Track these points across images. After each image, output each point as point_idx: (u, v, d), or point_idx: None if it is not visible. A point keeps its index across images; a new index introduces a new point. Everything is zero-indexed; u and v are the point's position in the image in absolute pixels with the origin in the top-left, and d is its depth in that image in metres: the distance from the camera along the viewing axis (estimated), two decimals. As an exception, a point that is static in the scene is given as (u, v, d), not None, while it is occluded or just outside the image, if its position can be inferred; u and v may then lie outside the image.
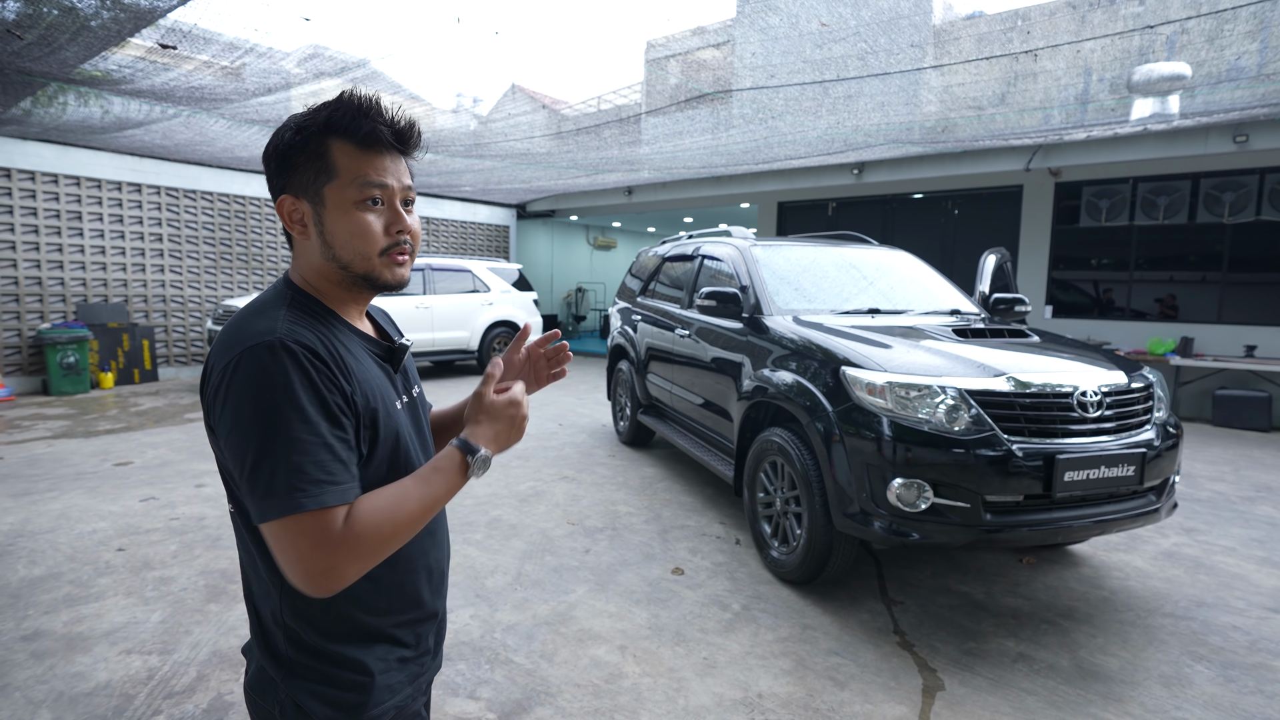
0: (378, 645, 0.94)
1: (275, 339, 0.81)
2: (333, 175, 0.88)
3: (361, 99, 0.89)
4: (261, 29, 4.45)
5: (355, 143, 0.88)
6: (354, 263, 0.90)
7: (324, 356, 0.84)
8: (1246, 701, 2.31)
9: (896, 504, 2.59)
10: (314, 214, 0.89)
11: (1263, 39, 6.13)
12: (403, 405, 1.00)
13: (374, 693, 0.93)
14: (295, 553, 0.78)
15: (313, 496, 0.77)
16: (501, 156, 9.24)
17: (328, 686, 0.91)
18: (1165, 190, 7.85)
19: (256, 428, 0.78)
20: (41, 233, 8.26)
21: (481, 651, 2.57)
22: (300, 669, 0.91)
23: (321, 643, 0.91)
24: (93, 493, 4.36)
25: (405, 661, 0.98)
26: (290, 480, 0.77)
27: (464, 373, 10.44)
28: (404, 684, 0.98)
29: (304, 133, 0.88)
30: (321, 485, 0.78)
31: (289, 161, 0.89)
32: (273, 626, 0.92)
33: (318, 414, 0.81)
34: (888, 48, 8.03)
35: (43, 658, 2.48)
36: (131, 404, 7.52)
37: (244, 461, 0.79)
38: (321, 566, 0.78)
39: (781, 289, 3.90)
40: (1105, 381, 2.79)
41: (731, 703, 2.27)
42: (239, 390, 0.80)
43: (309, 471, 0.78)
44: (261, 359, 0.80)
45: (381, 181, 0.90)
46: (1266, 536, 3.89)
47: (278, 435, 0.78)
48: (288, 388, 0.79)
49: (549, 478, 4.87)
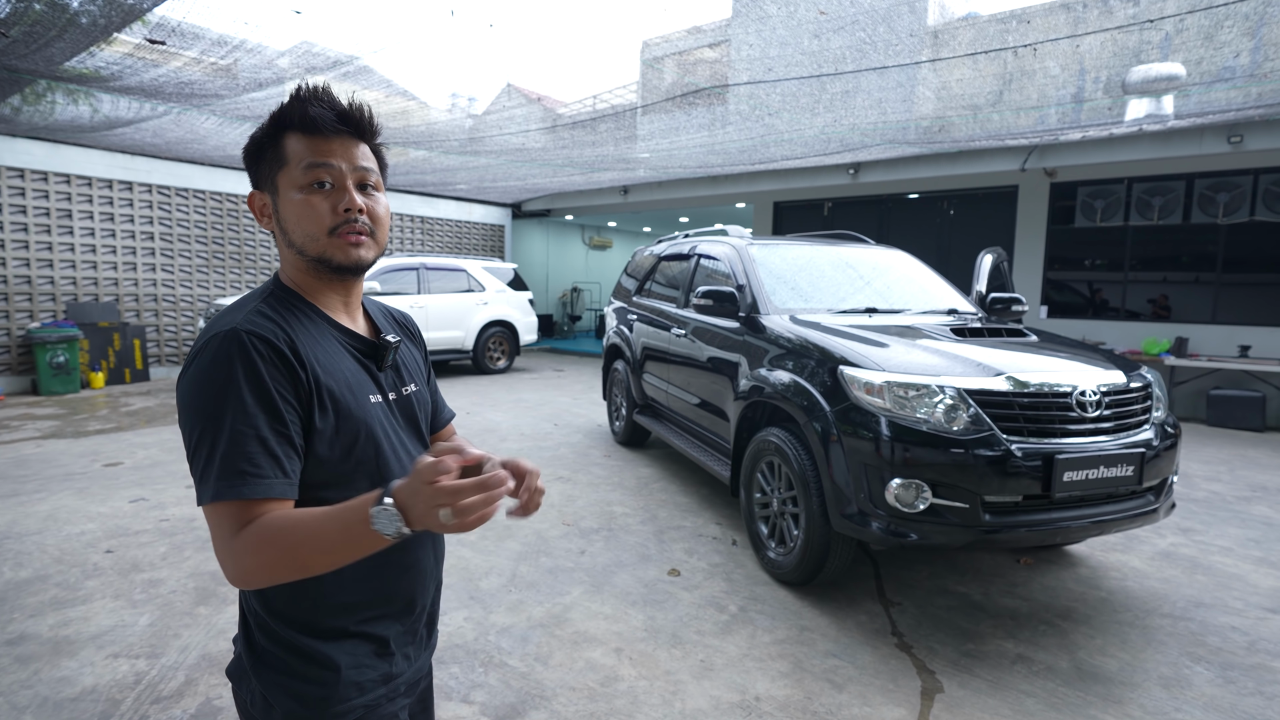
0: (346, 640, 0.93)
1: (233, 328, 0.83)
2: (283, 162, 0.91)
3: (308, 88, 0.92)
4: (252, 22, 4.39)
5: (303, 130, 0.91)
6: (306, 245, 0.92)
7: (278, 346, 0.85)
8: (1246, 703, 2.30)
9: (894, 504, 2.57)
10: (272, 204, 0.93)
11: (1256, 39, 6.14)
12: (382, 400, 0.98)
13: (339, 688, 0.91)
14: (215, 540, 0.80)
15: (233, 487, 0.79)
16: (496, 154, 9.20)
17: (292, 679, 0.90)
18: (1160, 191, 7.87)
19: (199, 414, 0.81)
20: (31, 231, 8.18)
21: (475, 654, 2.53)
22: (269, 659, 0.91)
23: (288, 634, 0.90)
24: (81, 494, 4.31)
25: (380, 658, 0.96)
26: (219, 468, 0.79)
27: (459, 372, 10.40)
28: (375, 684, 0.95)
29: (266, 127, 0.93)
30: (244, 477, 0.79)
31: (256, 157, 0.94)
32: (247, 614, 0.95)
33: (256, 405, 0.81)
34: (886, 38, 8.02)
35: (28, 662, 2.43)
36: (122, 404, 7.45)
37: (188, 445, 0.83)
38: (228, 560, 0.79)
39: (778, 288, 3.88)
40: (1104, 381, 2.77)
41: (729, 706, 2.25)
42: (192, 377, 0.83)
43: (235, 462, 0.79)
44: (216, 348, 0.82)
45: (325, 162, 0.91)
46: (1263, 536, 3.89)
47: (214, 423, 0.80)
48: (230, 377, 0.81)
49: (545, 478, 4.83)
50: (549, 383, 9.54)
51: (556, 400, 8.09)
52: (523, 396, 8.31)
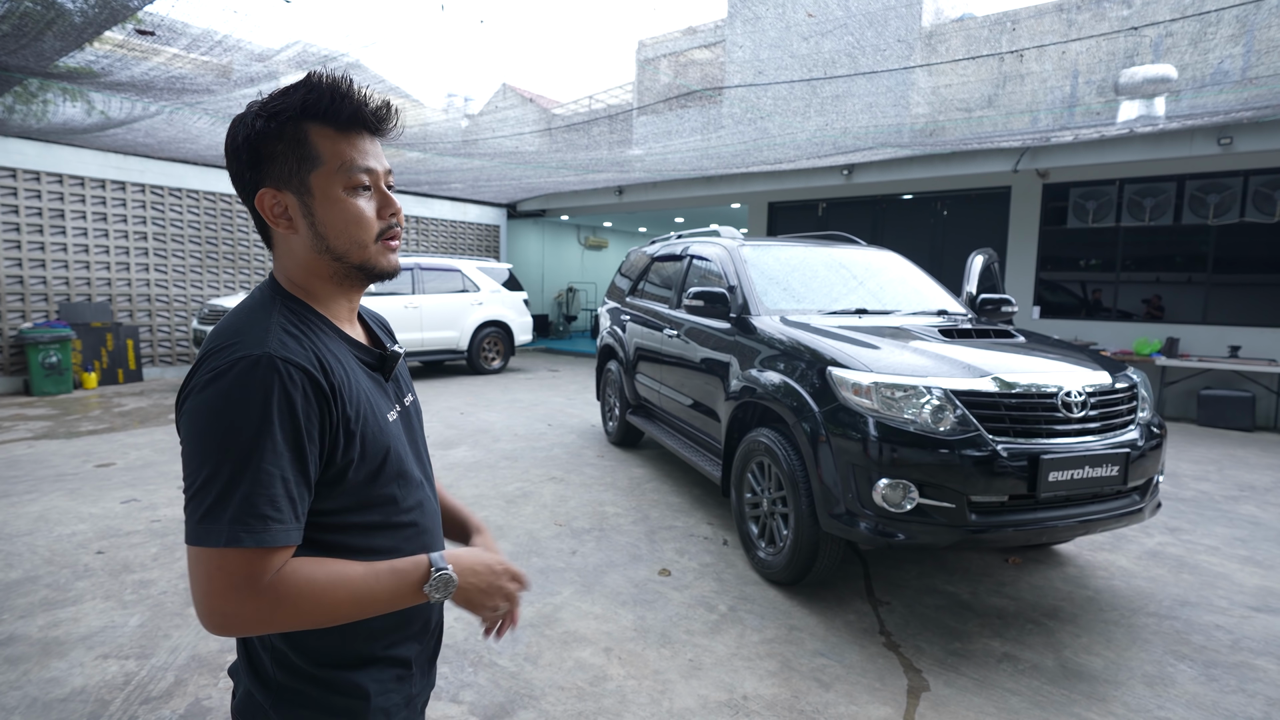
0: (373, 667, 0.89)
1: (265, 353, 0.76)
2: (318, 162, 0.83)
3: (335, 79, 0.84)
4: (241, 11, 4.37)
5: (335, 126, 0.84)
6: (350, 252, 0.86)
7: (315, 377, 0.79)
8: (1229, 700, 2.32)
9: (882, 504, 2.58)
10: (301, 205, 0.84)
11: (1247, 43, 6.19)
12: (396, 416, 0.95)
13: (369, 716, 0.88)
14: (208, 586, 0.72)
15: (254, 534, 0.72)
16: (491, 155, 9.20)
17: (320, 713, 0.86)
18: (1151, 192, 7.92)
19: (218, 446, 0.73)
20: (23, 231, 8.15)
21: (465, 655, 2.54)
22: (290, 694, 0.85)
23: (312, 668, 0.85)
24: (73, 494, 4.30)
25: (402, 681, 0.94)
26: (237, 511, 0.72)
27: (453, 373, 10.39)
28: (400, 706, 0.93)
29: (278, 119, 0.82)
30: (268, 523, 0.73)
31: (262, 152, 0.83)
32: (259, 649, 0.87)
33: (284, 444, 0.75)
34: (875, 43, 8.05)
35: (16, 663, 2.43)
36: (115, 404, 7.43)
37: (194, 474, 0.74)
38: (228, 609, 0.73)
39: (769, 289, 3.90)
40: (1090, 382, 2.80)
41: (716, 705, 2.26)
42: (210, 402, 0.75)
43: (259, 506, 0.73)
44: (244, 374, 0.75)
45: (368, 165, 0.86)
46: (1249, 535, 3.92)
47: (239, 459, 0.73)
48: (264, 413, 0.74)
49: (537, 479, 4.85)
50: (543, 383, 9.54)
51: (551, 400, 8.09)
52: (517, 397, 8.31)
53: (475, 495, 4.43)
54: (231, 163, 0.86)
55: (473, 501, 4.30)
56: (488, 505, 4.24)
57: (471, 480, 4.78)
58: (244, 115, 0.85)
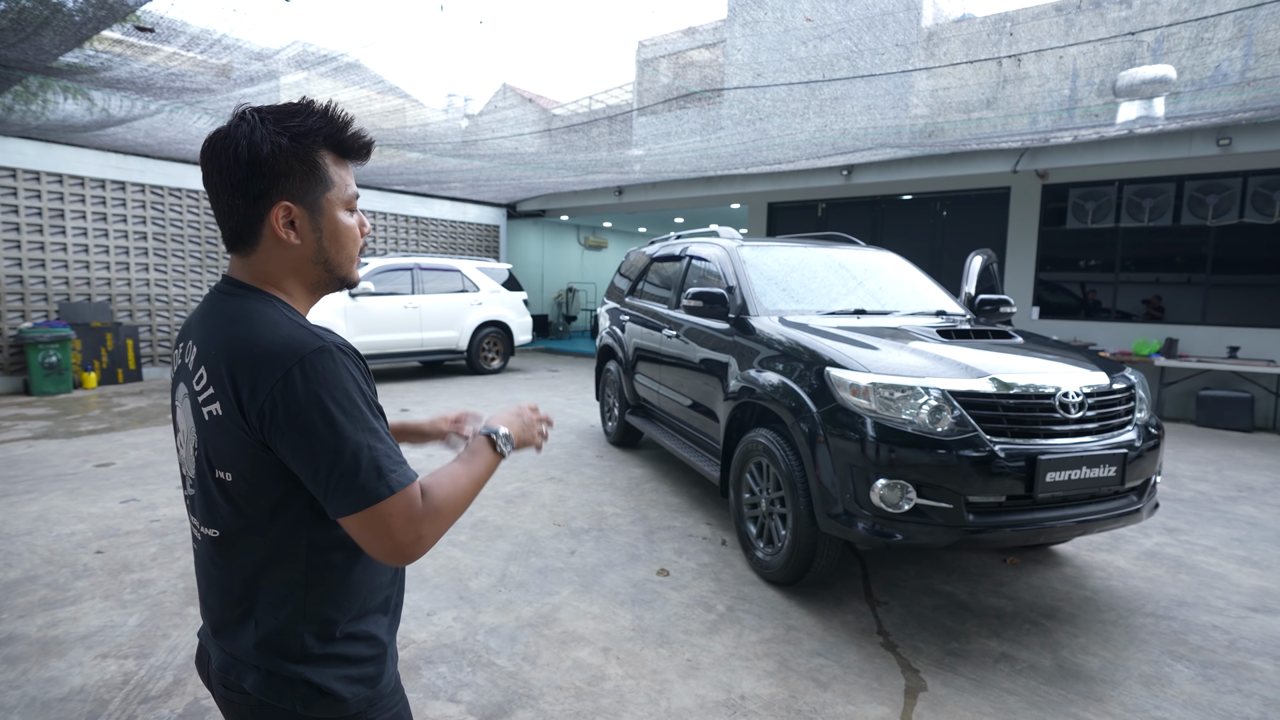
0: (380, 615, 1.02)
1: (328, 344, 0.88)
2: (329, 184, 0.95)
3: (346, 115, 0.97)
4: (240, 9, 4.37)
5: (339, 154, 0.97)
6: (341, 265, 1.00)
7: (357, 354, 0.92)
8: (1225, 700, 2.33)
9: (880, 505, 2.59)
10: (310, 220, 0.94)
11: (1246, 45, 6.20)
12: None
13: (386, 661, 1.01)
14: (389, 530, 0.86)
15: (403, 477, 0.87)
16: (491, 155, 9.21)
17: (351, 666, 0.96)
18: (1150, 193, 7.92)
19: (339, 427, 0.84)
20: (23, 230, 8.16)
21: (463, 654, 2.55)
22: (324, 659, 0.95)
23: (348, 625, 0.97)
24: (72, 494, 4.31)
25: (393, 626, 1.07)
26: (378, 467, 0.85)
27: (453, 373, 10.40)
28: (395, 655, 1.07)
29: (302, 141, 0.92)
30: (401, 467, 0.88)
31: (279, 167, 0.90)
32: (291, 629, 0.94)
33: (373, 409, 0.90)
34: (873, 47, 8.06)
35: (15, 662, 2.44)
36: (115, 404, 7.43)
37: (328, 460, 0.84)
38: (413, 537, 0.87)
39: (768, 289, 3.90)
40: (1087, 382, 2.80)
41: (714, 704, 2.27)
42: (312, 395, 0.84)
43: (391, 457, 0.87)
44: (326, 364, 0.86)
45: (356, 191, 1.01)
46: (1247, 536, 3.93)
47: (358, 431, 0.85)
48: (357, 386, 0.88)
49: (536, 478, 4.86)
50: (543, 383, 9.55)
51: (550, 401, 8.10)
52: (516, 397, 8.32)
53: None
54: (240, 170, 0.90)
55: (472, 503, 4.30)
56: (487, 505, 4.25)
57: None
58: (253, 128, 0.90)
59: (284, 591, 0.93)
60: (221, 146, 0.90)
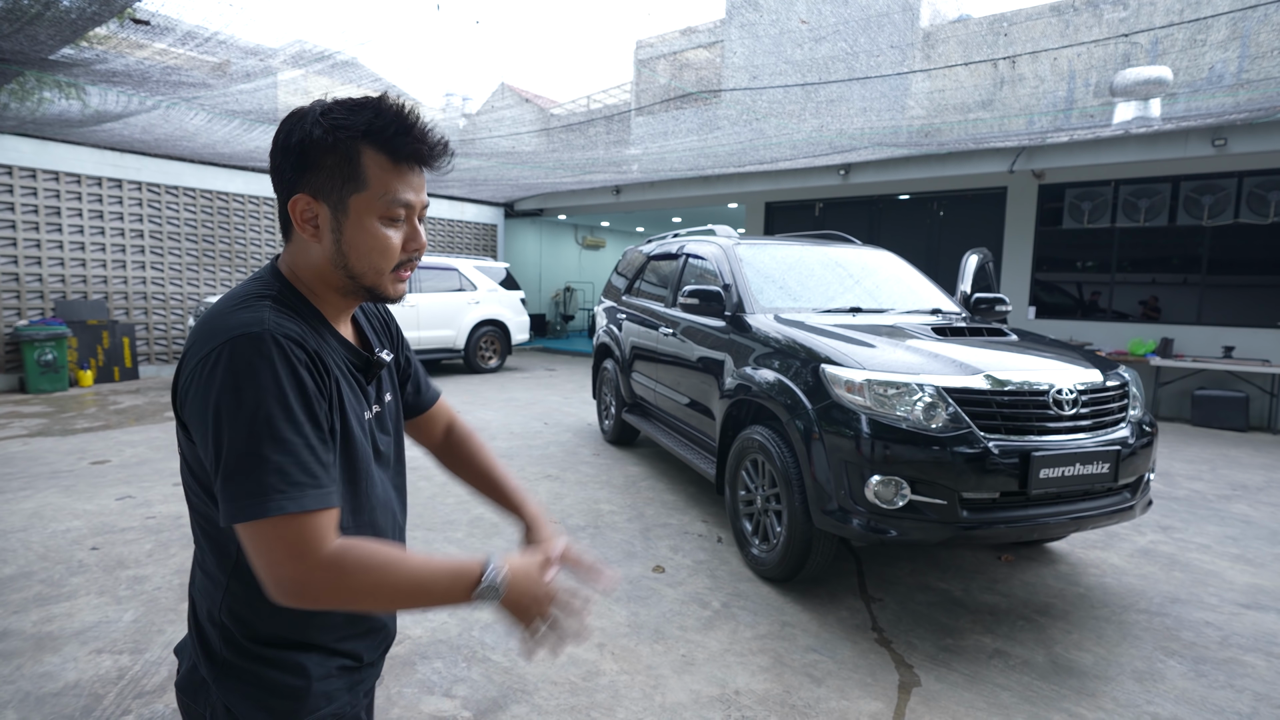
0: (317, 653, 0.90)
1: (263, 330, 0.77)
2: (362, 186, 0.84)
3: (403, 110, 0.85)
4: (236, 4, 4.35)
5: (391, 157, 0.85)
6: (365, 275, 0.88)
7: (311, 350, 0.81)
8: (1217, 695, 2.34)
9: (874, 501, 2.60)
10: (332, 220, 0.85)
11: (1240, 47, 6.22)
12: (371, 416, 0.97)
13: (309, 699, 0.88)
14: (269, 557, 0.74)
15: (293, 499, 0.74)
16: (489, 154, 9.21)
17: (261, 690, 0.87)
18: (1146, 193, 7.95)
19: (239, 423, 0.74)
20: (19, 228, 8.14)
21: (459, 650, 2.55)
22: (234, 670, 0.87)
23: (258, 648, 0.87)
24: (68, 491, 4.30)
25: (346, 671, 0.94)
26: (271, 480, 0.74)
27: (450, 372, 10.39)
28: (342, 691, 0.93)
29: (338, 134, 0.83)
30: (303, 488, 0.75)
31: (311, 159, 0.83)
32: (208, 624, 0.89)
33: (302, 413, 0.77)
34: (869, 49, 8.08)
35: (10, 658, 2.43)
36: (111, 402, 7.42)
37: (221, 458, 0.75)
38: (295, 576, 0.74)
39: (764, 287, 3.91)
40: (1081, 380, 2.81)
41: (709, 700, 2.27)
42: (221, 382, 0.75)
43: (291, 473, 0.75)
44: (248, 351, 0.76)
45: (408, 199, 0.87)
46: (1240, 534, 3.94)
47: (262, 433, 0.74)
48: (276, 383, 0.76)
49: (533, 476, 4.86)
50: (540, 382, 9.55)
51: (547, 399, 8.10)
52: (514, 395, 8.32)
53: (471, 491, 4.42)
54: (280, 158, 0.86)
55: (468, 498, 4.30)
56: (484, 502, 4.24)
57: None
58: (304, 115, 0.85)
59: (211, 583, 0.88)
60: (278, 129, 0.87)
